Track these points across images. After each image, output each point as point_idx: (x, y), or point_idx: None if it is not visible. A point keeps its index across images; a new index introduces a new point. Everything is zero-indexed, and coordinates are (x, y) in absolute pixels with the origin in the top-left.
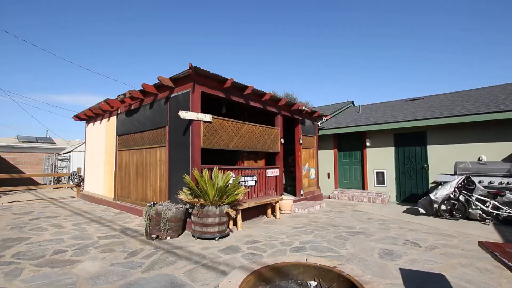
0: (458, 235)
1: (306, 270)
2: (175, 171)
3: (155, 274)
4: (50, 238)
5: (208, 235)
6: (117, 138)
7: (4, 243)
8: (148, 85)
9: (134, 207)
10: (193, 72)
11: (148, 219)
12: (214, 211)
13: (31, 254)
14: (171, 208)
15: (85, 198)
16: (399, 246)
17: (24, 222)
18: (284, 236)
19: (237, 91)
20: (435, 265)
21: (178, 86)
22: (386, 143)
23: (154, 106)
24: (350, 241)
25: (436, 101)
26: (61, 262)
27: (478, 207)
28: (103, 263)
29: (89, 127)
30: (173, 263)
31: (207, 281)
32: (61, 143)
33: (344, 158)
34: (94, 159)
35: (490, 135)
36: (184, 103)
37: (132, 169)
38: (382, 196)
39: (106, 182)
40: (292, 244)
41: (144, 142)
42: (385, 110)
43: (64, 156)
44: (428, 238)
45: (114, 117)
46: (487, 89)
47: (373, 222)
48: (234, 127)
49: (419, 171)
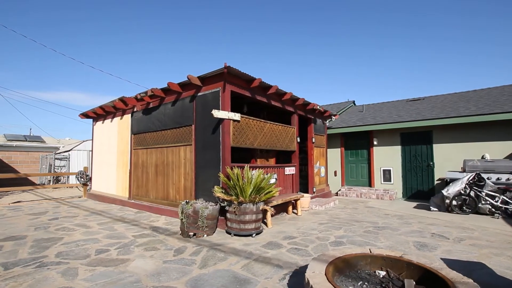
0: (476, 228)
1: (373, 261)
2: (203, 170)
3: (213, 270)
4: (83, 238)
5: (245, 232)
6: (132, 137)
7: (38, 244)
8: (173, 84)
9: (154, 206)
10: (227, 71)
11: (185, 217)
12: (252, 208)
13: (75, 254)
14: (208, 206)
15: (93, 198)
16: (428, 239)
17: (45, 223)
18: (316, 232)
19: (261, 90)
20: (471, 254)
21: (206, 85)
22: (392, 142)
23: (177, 105)
24: (380, 235)
25: (437, 102)
26: (111, 261)
27: (488, 202)
28: (155, 261)
29: (97, 126)
30: (224, 259)
31: (268, 274)
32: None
33: (350, 156)
34: (104, 158)
35: (493, 135)
36: (213, 102)
37: (150, 168)
38: (389, 193)
39: (119, 181)
40: (328, 239)
41: (165, 140)
42: (389, 110)
43: (63, 155)
44: (451, 231)
45: (128, 116)
46: (485, 90)
47: (392, 218)
48: (258, 126)
49: (424, 169)
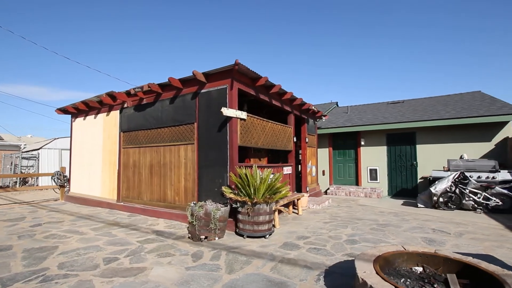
0: (467, 223)
1: (410, 258)
2: (207, 170)
3: (243, 274)
4: (82, 245)
5: (259, 233)
6: (121, 135)
7: (31, 254)
8: (174, 79)
9: (149, 208)
10: (237, 68)
11: (197, 219)
12: (265, 209)
13: (80, 264)
14: (219, 207)
15: (72, 201)
16: (432, 234)
17: (27, 230)
18: (325, 231)
19: (264, 89)
20: (477, 248)
21: (210, 81)
22: (379, 142)
23: (177, 101)
24: (387, 232)
25: (417, 105)
26: (127, 270)
27: (471, 198)
28: (176, 268)
29: (77, 122)
30: (248, 262)
31: (301, 276)
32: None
33: (338, 156)
34: (86, 157)
35: (470, 136)
36: (219, 99)
37: (143, 168)
38: (377, 191)
39: (105, 182)
40: (341, 238)
41: (162, 139)
42: (373, 111)
43: (31, 154)
44: (448, 227)
45: (116, 112)
46: (458, 95)
47: (388, 215)
48: (261, 125)
49: (408, 168)
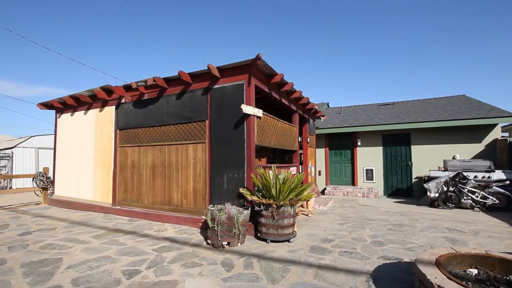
0: (473, 221)
1: (463, 260)
2: (220, 171)
3: (288, 284)
4: (90, 257)
5: (283, 237)
6: (117, 132)
7: (32, 269)
8: (184, 73)
9: (152, 212)
10: (259, 63)
11: (218, 224)
12: (290, 212)
13: (98, 279)
14: (242, 211)
15: (58, 204)
16: (450, 234)
17: (17, 240)
18: (345, 233)
19: (275, 86)
20: (499, 246)
21: (224, 76)
22: (375, 143)
23: (185, 97)
24: (405, 232)
25: (407, 107)
26: (156, 285)
27: (469, 197)
28: (212, 280)
29: (63, 118)
30: (286, 270)
31: (350, 283)
32: None
33: (334, 156)
34: (75, 157)
35: (462, 138)
36: (235, 96)
37: (144, 169)
38: (374, 191)
39: (97, 184)
40: (365, 240)
41: (166, 137)
42: (366, 112)
43: (4, 153)
44: (459, 225)
45: (111, 108)
46: (444, 99)
47: (395, 215)
48: (273, 124)
49: (404, 168)
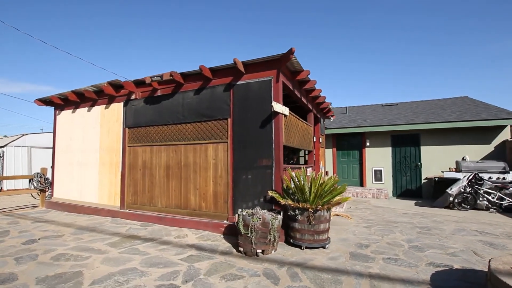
0: (496, 223)
1: None
2: (245, 172)
3: None
4: (114, 269)
5: (319, 243)
6: (126, 131)
7: (51, 287)
8: (205, 68)
9: (167, 216)
10: (293, 57)
11: (252, 231)
12: (326, 216)
13: None
14: (277, 216)
15: (58, 208)
16: (483, 237)
17: (23, 249)
18: (376, 237)
19: (298, 84)
20: None
21: (249, 72)
22: (384, 143)
23: (204, 93)
24: (437, 236)
25: (412, 108)
26: None
27: (485, 198)
28: None
29: (63, 116)
30: (338, 281)
31: None
32: None
33: (342, 156)
34: (77, 156)
35: (471, 139)
36: (261, 93)
37: (157, 170)
38: (383, 192)
39: (103, 186)
40: (401, 245)
41: (183, 136)
42: (372, 113)
43: None
44: (486, 228)
45: (119, 104)
46: (448, 100)
47: (415, 217)
48: (295, 123)
49: (413, 169)
